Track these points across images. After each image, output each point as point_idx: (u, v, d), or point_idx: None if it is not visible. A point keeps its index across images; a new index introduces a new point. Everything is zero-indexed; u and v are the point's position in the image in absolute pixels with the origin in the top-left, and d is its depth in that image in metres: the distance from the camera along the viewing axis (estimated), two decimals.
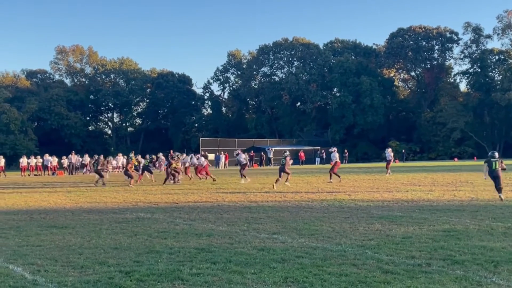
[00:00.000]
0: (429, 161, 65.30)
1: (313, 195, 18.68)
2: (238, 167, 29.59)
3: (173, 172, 26.61)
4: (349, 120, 79.31)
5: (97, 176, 27.77)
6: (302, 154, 58.69)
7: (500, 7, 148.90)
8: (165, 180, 26.44)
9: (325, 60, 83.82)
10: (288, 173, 23.23)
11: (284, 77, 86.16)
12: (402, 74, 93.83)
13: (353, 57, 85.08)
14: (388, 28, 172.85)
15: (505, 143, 76.44)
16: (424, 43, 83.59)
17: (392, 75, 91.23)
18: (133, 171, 27.57)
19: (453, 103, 79.11)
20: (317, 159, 61.70)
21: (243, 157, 28.38)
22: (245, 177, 27.00)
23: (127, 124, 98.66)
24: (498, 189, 16.02)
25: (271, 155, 57.48)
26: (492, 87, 77.49)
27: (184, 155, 31.39)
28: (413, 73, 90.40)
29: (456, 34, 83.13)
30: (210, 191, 21.17)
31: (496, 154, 17.07)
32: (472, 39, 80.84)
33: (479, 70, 79.46)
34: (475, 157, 66.19)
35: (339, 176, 25.04)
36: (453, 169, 34.91)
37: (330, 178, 24.99)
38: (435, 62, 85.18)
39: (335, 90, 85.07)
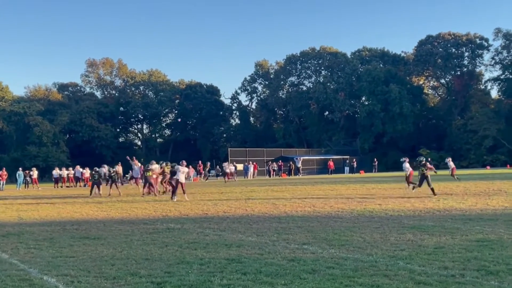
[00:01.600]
0: (461, 169, 64.15)
1: (343, 204, 18.54)
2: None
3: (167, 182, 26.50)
4: (378, 129, 78.73)
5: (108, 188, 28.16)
6: (331, 163, 58.40)
7: None
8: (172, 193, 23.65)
9: (353, 69, 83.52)
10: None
11: (311, 86, 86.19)
12: (431, 82, 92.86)
13: (381, 65, 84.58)
14: (416, 35, 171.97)
15: None
16: (453, 50, 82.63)
17: (421, 82, 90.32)
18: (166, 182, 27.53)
19: (484, 110, 77.86)
20: (346, 168, 61.33)
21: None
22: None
23: (157, 135, 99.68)
24: None
25: (299, 165, 57.34)
26: None
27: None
28: (442, 81, 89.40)
29: (487, 40, 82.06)
30: (240, 201, 21.20)
31: None
32: (503, 45, 79.59)
33: (511, 76, 78.10)
34: (508, 165, 64.92)
35: (414, 184, 23.91)
36: (486, 178, 34.31)
37: (409, 186, 24.26)
38: (465, 69, 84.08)
39: (363, 98, 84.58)
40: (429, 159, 34.11)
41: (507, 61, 79.32)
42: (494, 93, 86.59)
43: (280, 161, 58.93)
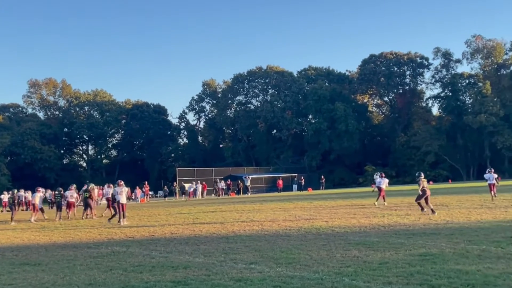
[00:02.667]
0: (404, 185, 65.74)
1: (291, 222, 18.61)
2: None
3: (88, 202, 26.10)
4: (324, 146, 79.87)
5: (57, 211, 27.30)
6: (280, 181, 58.70)
7: (468, 32, 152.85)
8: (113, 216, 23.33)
9: (300, 88, 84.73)
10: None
11: (259, 105, 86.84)
12: (375, 100, 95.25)
13: (327, 84, 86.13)
14: (360, 54, 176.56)
15: (479, 165, 77.52)
16: (395, 68, 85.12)
17: (366, 100, 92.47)
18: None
19: (426, 127, 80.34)
20: (294, 186, 61.76)
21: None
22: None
23: (102, 156, 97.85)
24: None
25: (248, 183, 57.34)
26: (463, 110, 78.85)
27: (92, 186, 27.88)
28: (386, 98, 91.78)
29: (427, 59, 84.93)
30: (188, 222, 20.97)
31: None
32: (442, 64, 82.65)
33: (450, 94, 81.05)
34: (450, 180, 66.99)
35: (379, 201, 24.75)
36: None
37: (384, 201, 24.80)
38: (407, 87, 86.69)
39: (310, 117, 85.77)
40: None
41: (446, 79, 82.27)
42: (435, 110, 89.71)
43: (229, 180, 58.80)
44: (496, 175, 26.89)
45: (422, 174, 20.82)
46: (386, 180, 26.41)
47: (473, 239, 12.24)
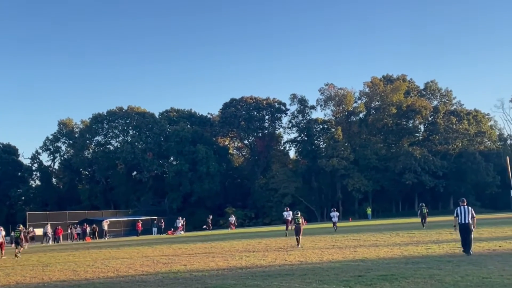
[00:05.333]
0: (263, 226, 67.25)
1: (148, 267, 18.09)
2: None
3: None
4: (186, 188, 79.59)
5: None
6: (139, 224, 57.11)
7: (322, 81, 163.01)
8: None
9: (161, 129, 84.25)
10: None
11: (119, 146, 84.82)
12: (236, 142, 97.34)
13: (188, 126, 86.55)
14: (221, 98, 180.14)
15: (332, 206, 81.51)
16: (255, 113, 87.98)
17: (227, 143, 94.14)
18: None
19: (284, 170, 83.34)
20: (154, 229, 60.43)
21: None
22: None
23: None
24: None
25: (105, 227, 55.05)
26: (318, 154, 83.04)
27: None
28: (246, 141, 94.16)
29: (284, 104, 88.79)
30: (37, 269, 19.53)
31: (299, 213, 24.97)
32: (298, 110, 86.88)
33: (306, 138, 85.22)
34: (306, 222, 69.60)
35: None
36: (284, 234, 36.17)
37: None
38: (266, 131, 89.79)
39: (171, 158, 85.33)
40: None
41: (302, 124, 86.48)
42: (292, 154, 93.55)
43: (85, 224, 56.06)
44: (337, 213, 36.31)
45: (299, 212, 25.22)
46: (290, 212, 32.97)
47: (324, 279, 12.71)
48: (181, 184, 79.58)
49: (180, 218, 60.11)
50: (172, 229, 57.58)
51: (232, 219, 58.97)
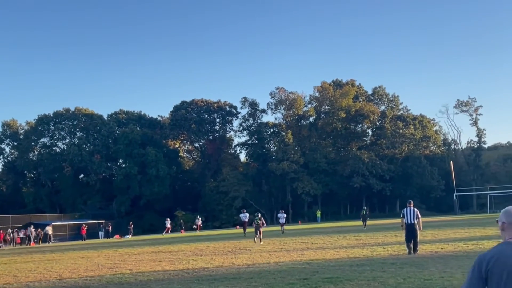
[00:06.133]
0: (213, 229, 67.04)
1: (92, 272, 17.67)
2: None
3: None
4: (134, 191, 78.49)
5: None
6: (83, 228, 55.84)
7: (273, 84, 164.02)
8: None
9: (110, 131, 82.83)
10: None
11: (65, 148, 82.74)
12: (186, 145, 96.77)
13: (138, 128, 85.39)
14: (172, 100, 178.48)
15: (282, 208, 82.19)
16: (206, 116, 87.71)
17: (177, 146, 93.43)
18: None
19: (235, 173, 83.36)
20: (101, 233, 59.29)
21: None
22: None
23: None
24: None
25: (49, 232, 53.62)
26: (268, 157, 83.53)
27: None
28: (197, 144, 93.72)
29: (235, 108, 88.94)
30: None
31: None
32: (249, 113, 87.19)
33: (257, 141, 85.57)
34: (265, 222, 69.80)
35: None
36: (234, 237, 36.24)
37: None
38: (217, 134, 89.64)
39: (120, 161, 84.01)
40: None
41: (253, 127, 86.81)
42: (243, 157, 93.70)
43: (30, 227, 54.45)
44: (285, 215, 38.93)
45: (259, 214, 28.35)
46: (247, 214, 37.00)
47: (270, 282, 12.72)
48: (129, 187, 78.41)
49: (169, 219, 58.39)
50: (166, 230, 55.84)
51: (199, 220, 58.34)
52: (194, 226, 56.86)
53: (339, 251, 20.24)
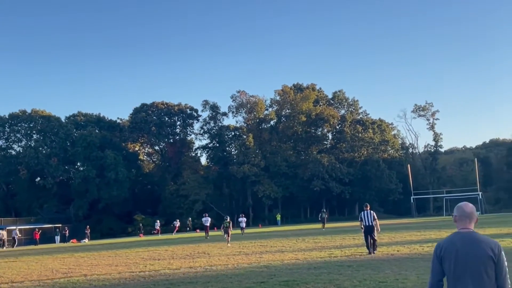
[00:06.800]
0: (176, 233, 66.34)
1: (46, 277, 17.22)
2: None
3: None
4: (93, 195, 77.23)
5: None
6: (36, 233, 54.28)
7: (234, 87, 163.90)
8: None
9: (68, 134, 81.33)
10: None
11: (21, 151, 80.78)
12: (146, 148, 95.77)
13: (97, 131, 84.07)
14: (132, 103, 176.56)
15: (242, 213, 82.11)
16: (166, 118, 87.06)
17: (137, 149, 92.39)
18: None
19: (195, 176, 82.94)
20: (57, 238, 57.99)
21: None
22: None
23: None
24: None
25: (4, 237, 52.13)
26: (229, 160, 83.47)
27: None
28: (157, 147, 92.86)
29: (196, 111, 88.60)
30: None
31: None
32: (210, 116, 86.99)
33: (218, 145, 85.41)
34: (215, 228, 69.37)
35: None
36: (193, 241, 35.97)
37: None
38: (177, 137, 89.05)
39: (78, 164, 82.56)
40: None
41: (214, 130, 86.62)
42: (204, 160, 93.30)
43: None
44: (245, 219, 42.39)
45: (228, 217, 29.96)
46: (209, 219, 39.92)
47: (227, 286, 12.64)
48: (88, 191, 77.07)
49: (158, 221, 57.58)
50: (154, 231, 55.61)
51: (177, 223, 57.65)
52: (153, 231, 56.32)
53: (297, 254, 20.30)
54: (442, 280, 4.44)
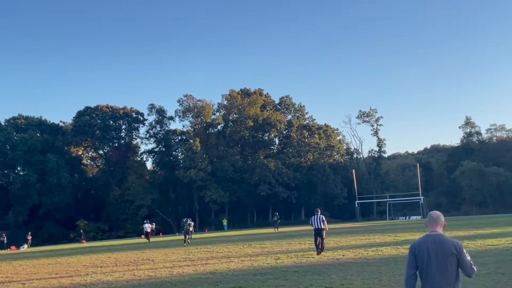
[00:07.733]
0: (117, 239, 65.10)
1: None
2: None
3: None
4: (34, 200, 74.75)
5: None
6: None
7: (181, 91, 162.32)
8: None
9: (7, 137, 78.57)
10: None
11: None
12: (90, 153, 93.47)
13: (38, 135, 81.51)
14: (75, 106, 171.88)
15: (188, 217, 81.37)
16: (111, 122, 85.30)
17: (80, 153, 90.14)
18: None
19: (140, 181, 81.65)
20: None
21: None
22: None
23: None
24: None
25: None
26: (175, 165, 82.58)
27: None
28: (101, 152, 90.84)
29: (142, 114, 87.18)
30: None
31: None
32: (157, 120, 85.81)
33: (164, 149, 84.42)
34: (160, 233, 68.50)
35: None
36: (138, 247, 35.27)
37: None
38: (122, 141, 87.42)
39: (18, 168, 79.84)
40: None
41: (160, 135, 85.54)
42: (149, 165, 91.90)
43: None
44: (192, 223, 39.62)
45: (189, 220, 32.28)
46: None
47: None
48: (28, 196, 74.50)
49: (148, 221, 55.19)
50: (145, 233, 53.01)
51: (150, 226, 55.87)
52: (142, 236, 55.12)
53: (244, 259, 20.15)
54: (416, 273, 5.39)
